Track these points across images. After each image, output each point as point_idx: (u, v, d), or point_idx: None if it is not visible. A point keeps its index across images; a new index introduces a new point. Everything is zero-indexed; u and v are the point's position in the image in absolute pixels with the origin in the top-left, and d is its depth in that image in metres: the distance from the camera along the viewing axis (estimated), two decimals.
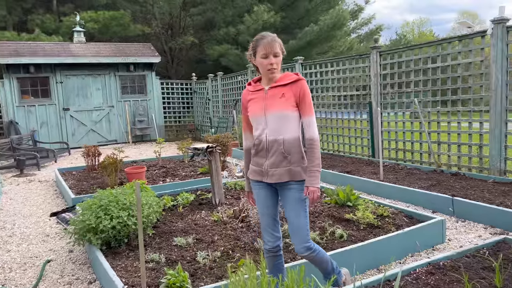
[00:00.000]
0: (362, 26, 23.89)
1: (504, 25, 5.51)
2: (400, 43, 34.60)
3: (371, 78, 7.83)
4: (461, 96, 6.33)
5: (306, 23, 18.87)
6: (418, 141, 7.15)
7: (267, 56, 2.41)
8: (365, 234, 3.71)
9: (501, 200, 4.64)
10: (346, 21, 19.99)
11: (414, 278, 2.70)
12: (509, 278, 2.62)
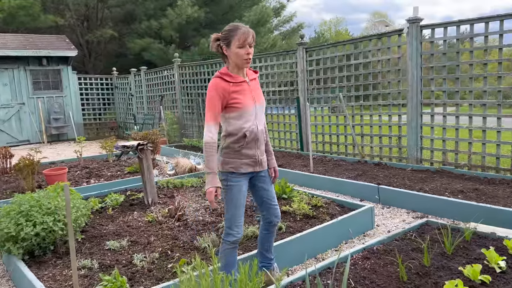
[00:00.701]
0: (285, 23, 24.51)
1: (418, 24, 5.97)
2: (319, 41, 36.12)
3: (298, 74, 8.05)
4: (381, 91, 6.76)
5: (230, 19, 18.86)
6: (343, 134, 7.51)
7: (243, 46, 2.43)
8: (302, 225, 3.80)
9: (420, 186, 5.04)
10: (270, 18, 20.37)
11: (352, 263, 2.82)
12: (435, 257, 2.85)
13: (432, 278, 2.54)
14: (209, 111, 2.45)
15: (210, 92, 2.47)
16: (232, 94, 2.47)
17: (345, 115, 7.16)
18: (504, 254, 2.79)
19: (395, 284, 2.50)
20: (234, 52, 2.45)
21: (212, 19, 19.35)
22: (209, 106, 2.45)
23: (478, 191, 4.70)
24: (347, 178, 5.65)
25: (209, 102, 2.46)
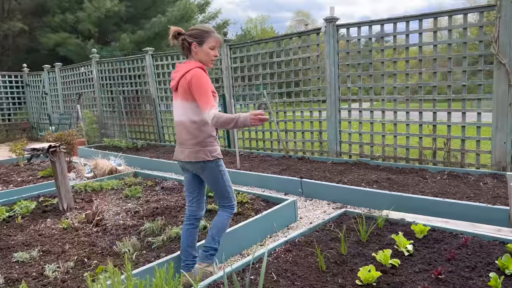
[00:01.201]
0: (210, 19, 24.35)
1: (334, 23, 6.25)
2: (246, 38, 36.44)
3: (223, 71, 8.02)
4: (302, 88, 6.98)
5: (153, 14, 18.31)
6: (268, 130, 7.64)
7: (214, 48, 2.74)
8: None
9: (340, 178, 5.29)
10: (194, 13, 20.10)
11: (275, 257, 2.87)
12: (351, 245, 3.00)
13: (349, 266, 2.66)
14: (210, 96, 2.59)
15: (204, 78, 2.62)
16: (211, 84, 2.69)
17: (269, 112, 7.29)
18: (411, 238, 3.01)
19: (315, 274, 2.58)
20: (205, 52, 2.71)
21: (134, 13, 18.63)
22: (207, 92, 2.59)
23: (391, 180, 5.05)
24: (272, 173, 5.76)
25: (204, 88, 2.59)
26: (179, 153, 2.81)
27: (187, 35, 2.72)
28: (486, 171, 5.10)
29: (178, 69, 2.77)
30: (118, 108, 10.30)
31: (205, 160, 2.69)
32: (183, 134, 2.75)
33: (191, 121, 2.69)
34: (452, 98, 5.46)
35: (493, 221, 3.59)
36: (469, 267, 2.52)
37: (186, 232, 2.87)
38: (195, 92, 2.60)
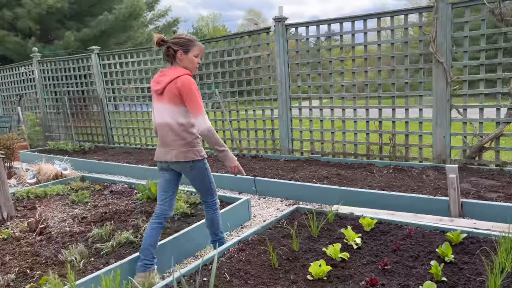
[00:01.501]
0: (159, 17, 23.86)
1: (283, 23, 6.33)
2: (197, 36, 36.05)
3: None
4: (254, 87, 7.01)
5: (99, 11, 17.64)
6: (221, 129, 7.61)
7: (198, 56, 2.92)
8: (180, 224, 3.74)
9: (292, 175, 5.38)
10: (143, 11, 19.61)
11: (228, 257, 2.86)
12: (303, 241, 3.05)
13: (301, 262, 2.71)
14: (200, 102, 2.79)
15: (194, 85, 2.81)
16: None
17: (222, 111, 7.26)
18: (360, 231, 3.12)
19: (268, 272, 2.60)
20: (190, 59, 2.89)
21: (78, 10, 17.85)
22: (197, 98, 2.78)
23: (341, 176, 5.20)
24: (226, 173, 5.74)
25: (196, 95, 2.78)
26: (164, 154, 2.91)
27: (172, 43, 2.87)
28: (428, 164, 5.39)
29: (165, 74, 2.87)
30: (63, 110, 9.84)
31: (194, 159, 2.89)
32: (169, 136, 2.87)
33: (178, 123, 2.84)
34: (396, 95, 5.71)
35: (435, 211, 3.80)
36: (413, 257, 2.64)
37: (152, 230, 2.92)
38: (187, 98, 2.76)
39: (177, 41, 2.87)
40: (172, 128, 2.84)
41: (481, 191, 4.18)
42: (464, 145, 5.35)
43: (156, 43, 2.89)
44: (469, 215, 3.73)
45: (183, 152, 2.85)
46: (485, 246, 2.66)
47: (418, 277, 2.35)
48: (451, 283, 2.26)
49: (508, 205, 3.59)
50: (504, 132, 5.05)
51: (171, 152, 2.87)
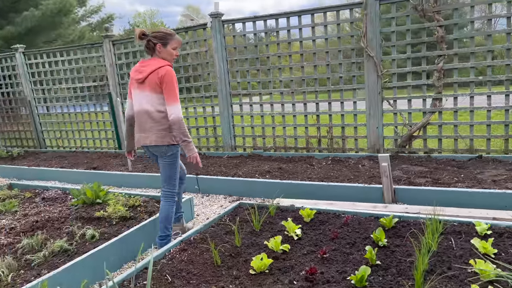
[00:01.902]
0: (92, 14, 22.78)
1: (220, 19, 6.29)
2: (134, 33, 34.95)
3: (107, 68, 7.57)
4: (193, 84, 6.92)
5: (24, 7, 16.48)
6: None
7: (176, 48, 3.19)
8: (119, 228, 3.60)
9: (235, 172, 5.38)
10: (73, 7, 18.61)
11: (170, 258, 2.80)
12: (246, 236, 3.07)
13: (243, 257, 2.72)
14: (176, 92, 3.06)
15: (174, 77, 3.08)
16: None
17: None
18: (300, 222, 3.19)
19: (210, 270, 2.58)
20: (169, 52, 3.17)
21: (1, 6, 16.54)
22: (175, 89, 3.06)
23: (282, 169, 5.29)
24: None
25: (175, 85, 3.06)
26: (143, 139, 3.21)
27: (152, 37, 3.14)
28: (364, 154, 5.64)
29: (147, 64, 3.13)
30: None
31: (170, 143, 3.17)
32: (148, 122, 3.14)
33: (158, 110, 3.10)
34: (331, 89, 5.90)
35: (370, 199, 3.99)
36: (350, 244, 2.75)
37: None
38: (166, 87, 3.03)
39: (156, 35, 3.14)
40: (151, 115, 3.12)
41: (411, 177, 4.44)
42: (395, 134, 5.67)
43: (138, 37, 3.15)
44: (401, 200, 3.95)
45: (161, 137, 3.13)
46: (415, 229, 2.83)
47: (354, 263, 2.45)
48: (384, 265, 2.38)
49: (434, 189, 3.85)
50: (431, 121, 5.41)
51: (150, 137, 3.16)
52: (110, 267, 3.07)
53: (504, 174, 4.25)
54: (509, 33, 4.90)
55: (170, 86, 3.03)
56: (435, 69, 5.22)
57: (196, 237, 3.14)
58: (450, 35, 5.10)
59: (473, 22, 5.09)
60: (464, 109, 5.21)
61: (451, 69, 5.18)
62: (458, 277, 2.17)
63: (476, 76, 5.08)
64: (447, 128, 5.57)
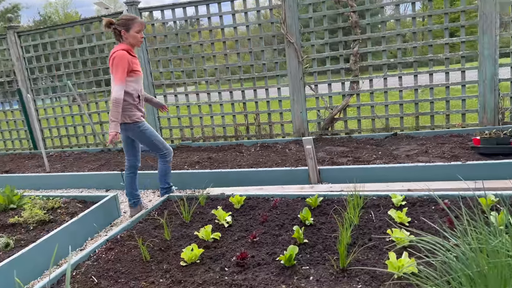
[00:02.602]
0: None
1: (136, 7, 6.03)
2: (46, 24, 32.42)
3: (14, 62, 6.93)
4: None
5: None
6: (80, 124, 7.00)
7: (140, 31, 3.40)
8: (37, 233, 3.34)
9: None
10: None
11: (95, 259, 2.66)
12: (176, 229, 3.01)
13: (173, 249, 2.66)
14: (121, 74, 3.27)
15: (120, 60, 3.27)
16: (133, 64, 3.37)
17: (79, 104, 6.67)
18: (230, 210, 3.19)
19: (139, 267, 2.50)
20: (132, 35, 3.37)
21: None
22: (120, 71, 3.27)
23: (212, 159, 5.26)
24: (90, 171, 5.34)
25: (120, 68, 3.27)
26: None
27: (116, 24, 3.36)
28: (290, 139, 5.79)
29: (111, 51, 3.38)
30: None
31: (124, 122, 3.42)
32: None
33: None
34: (255, 76, 5.95)
35: (297, 181, 4.11)
36: (279, 225, 2.81)
37: (129, 179, 3.81)
38: (112, 69, 3.31)
39: (119, 22, 3.36)
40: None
41: (334, 158, 4.65)
42: (318, 118, 5.88)
43: (105, 25, 3.38)
44: (326, 180, 4.12)
45: (121, 116, 3.38)
46: (338, 206, 2.97)
47: (283, 244, 2.51)
48: (311, 243, 2.47)
49: (355, 167, 4.07)
50: (350, 103, 5.69)
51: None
52: (29, 276, 2.84)
53: (416, 148, 4.61)
54: (414, 17, 5.28)
55: (114, 68, 3.29)
56: (351, 53, 5.48)
57: (123, 234, 3.02)
58: (364, 20, 5.37)
59: (382, 7, 5.39)
60: (379, 91, 5.55)
61: (366, 53, 5.47)
62: (378, 247, 2.32)
63: (388, 59, 5.41)
64: (365, 109, 5.89)
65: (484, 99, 5.00)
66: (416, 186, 3.45)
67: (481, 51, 4.90)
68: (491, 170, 3.57)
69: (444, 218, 2.54)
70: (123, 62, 3.28)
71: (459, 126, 5.25)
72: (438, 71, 5.28)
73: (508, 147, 3.94)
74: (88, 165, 5.68)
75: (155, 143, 3.64)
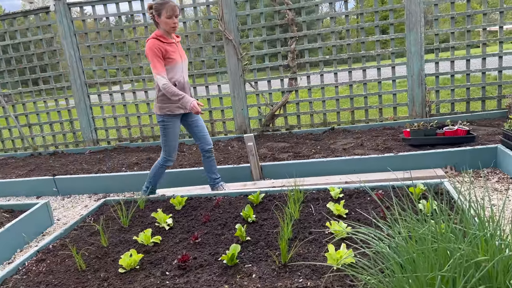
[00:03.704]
0: None
1: (64, 2, 5.67)
2: None
3: None
4: (40, 74, 6.16)
5: None
6: (6, 127, 6.49)
7: (171, 17, 3.19)
8: None
9: (99, 167, 5.01)
10: None
11: (24, 272, 2.47)
12: (113, 234, 2.88)
13: (111, 256, 2.54)
14: (154, 63, 3.20)
15: (149, 50, 3.19)
16: (166, 51, 3.22)
17: (3, 106, 6.17)
18: (172, 211, 3.12)
19: (74, 277, 2.36)
20: (164, 21, 3.22)
21: None
22: (153, 60, 3.20)
23: (151, 159, 5.10)
24: (18, 177, 4.98)
25: (150, 57, 3.21)
26: None
27: (151, 9, 3.25)
28: (232, 136, 5.78)
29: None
30: None
31: (156, 113, 3.43)
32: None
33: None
34: (195, 73, 5.85)
35: (240, 178, 4.11)
36: (221, 225, 2.79)
37: (203, 162, 3.70)
38: (148, 59, 3.25)
39: (152, 6, 3.23)
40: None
41: (276, 154, 4.71)
42: (260, 114, 5.92)
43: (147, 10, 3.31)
44: (268, 176, 4.16)
45: (155, 106, 3.44)
46: (279, 201, 3.00)
47: (226, 243, 2.49)
48: (254, 240, 2.48)
49: (295, 162, 4.14)
50: (289, 99, 5.78)
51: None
52: None
53: (352, 142, 4.79)
54: (348, 15, 5.48)
55: (149, 58, 3.22)
56: (289, 50, 5.57)
57: (56, 244, 2.84)
58: (300, 18, 5.47)
59: (317, 5, 5.52)
60: (316, 87, 5.69)
61: (303, 50, 5.59)
62: (317, 240, 2.37)
63: (324, 56, 5.57)
64: (304, 105, 6.03)
65: (413, 93, 5.32)
66: (353, 178, 3.59)
67: (408, 47, 5.19)
68: (420, 160, 3.81)
69: (378, 208, 2.66)
70: (151, 52, 3.19)
71: (391, 119, 5.54)
72: (370, 67, 5.52)
73: (434, 138, 4.21)
74: (16, 171, 5.28)
75: (164, 144, 3.52)
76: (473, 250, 1.35)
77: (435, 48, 5.28)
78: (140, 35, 5.89)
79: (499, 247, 1.38)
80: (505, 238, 1.45)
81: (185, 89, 3.40)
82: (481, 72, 5.25)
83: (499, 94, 5.27)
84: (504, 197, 3.13)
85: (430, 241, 1.34)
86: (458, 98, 5.44)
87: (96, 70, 6.02)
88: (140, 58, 5.94)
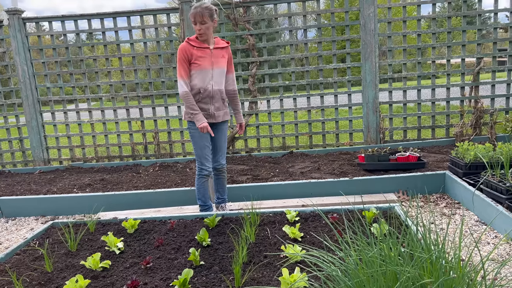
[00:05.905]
0: None
1: (19, 16, 5.50)
2: None
3: None
4: None
5: None
6: None
7: (195, 24, 3.18)
8: None
9: (48, 188, 4.77)
10: None
11: None
12: (59, 259, 2.72)
13: (55, 282, 2.39)
14: (180, 67, 3.20)
15: (179, 52, 3.20)
16: (194, 56, 3.19)
17: None
18: (123, 235, 3.00)
19: None
20: (193, 27, 3.24)
21: None
22: (179, 64, 3.20)
23: (105, 180, 4.93)
24: None
25: (179, 60, 3.20)
26: None
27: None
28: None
29: None
30: None
31: (184, 118, 3.38)
32: None
33: None
34: (154, 94, 5.78)
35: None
36: (175, 249, 2.71)
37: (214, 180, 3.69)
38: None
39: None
40: None
41: (235, 176, 4.69)
42: None
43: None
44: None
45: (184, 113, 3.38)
46: (235, 225, 2.97)
47: (179, 267, 2.42)
48: (208, 265, 2.42)
49: (254, 185, 4.14)
50: (249, 122, 5.82)
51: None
52: None
53: (309, 166, 4.86)
54: (307, 43, 5.66)
55: (177, 62, 3.23)
56: (250, 74, 5.65)
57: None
58: (261, 43, 5.59)
59: (277, 32, 5.68)
60: (276, 111, 5.78)
61: (263, 74, 5.68)
62: (272, 264, 2.35)
63: (284, 81, 5.69)
64: (264, 128, 6.09)
65: (368, 120, 5.51)
66: (309, 201, 3.62)
67: (364, 76, 5.41)
68: (373, 184, 3.91)
69: (333, 232, 2.69)
70: (178, 55, 3.19)
71: (348, 145, 5.69)
72: (328, 94, 5.69)
73: (387, 163, 4.37)
74: None
75: (196, 152, 3.40)
76: (420, 273, 1.38)
77: (389, 78, 5.54)
78: (99, 53, 5.78)
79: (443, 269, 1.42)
80: (449, 260, 1.50)
81: (213, 98, 3.31)
82: (431, 101, 5.54)
83: (447, 123, 5.58)
84: (450, 221, 3.26)
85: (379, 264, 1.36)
86: (410, 126, 5.69)
87: (51, 87, 5.81)
88: (97, 77, 5.80)
